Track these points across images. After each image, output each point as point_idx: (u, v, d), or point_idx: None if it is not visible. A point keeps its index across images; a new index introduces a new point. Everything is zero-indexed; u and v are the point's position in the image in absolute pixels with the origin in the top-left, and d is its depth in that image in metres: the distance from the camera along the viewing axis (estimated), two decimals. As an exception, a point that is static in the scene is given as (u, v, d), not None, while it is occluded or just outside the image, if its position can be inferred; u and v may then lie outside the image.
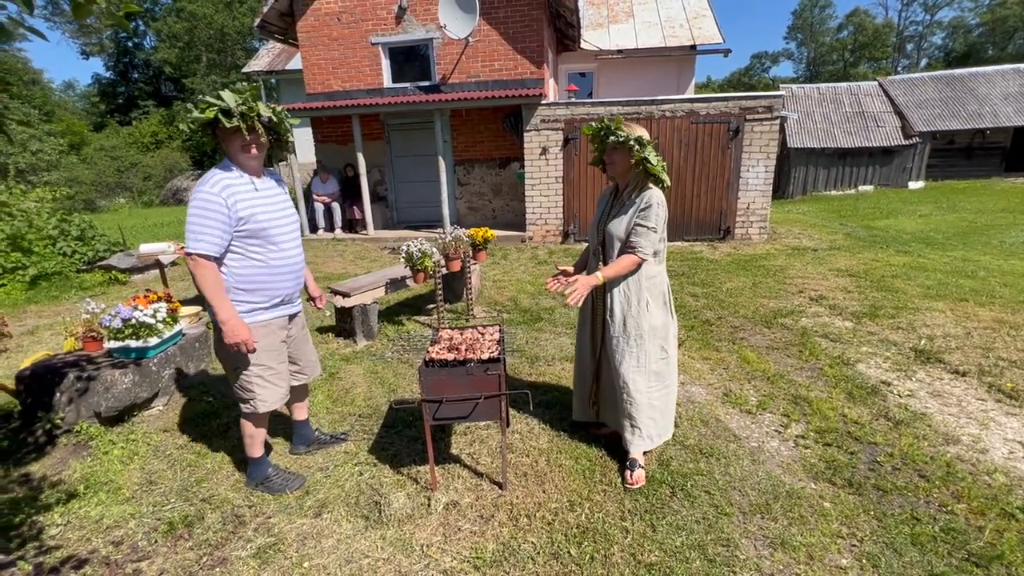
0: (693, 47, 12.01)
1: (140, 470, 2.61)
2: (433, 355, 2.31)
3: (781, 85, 18.28)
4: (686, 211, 8.13)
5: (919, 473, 2.38)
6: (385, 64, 9.39)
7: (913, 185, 15.52)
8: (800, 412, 2.95)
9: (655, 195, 2.23)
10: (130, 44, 34.80)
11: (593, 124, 2.30)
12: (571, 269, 2.59)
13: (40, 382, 2.97)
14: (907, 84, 17.16)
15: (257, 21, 9.34)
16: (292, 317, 2.39)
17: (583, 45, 11.95)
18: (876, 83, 17.57)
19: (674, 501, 2.23)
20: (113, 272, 6.20)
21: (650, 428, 2.41)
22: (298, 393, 2.61)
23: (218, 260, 2.06)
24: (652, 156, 2.17)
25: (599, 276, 2.23)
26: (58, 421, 2.89)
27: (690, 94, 11.71)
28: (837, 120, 16.28)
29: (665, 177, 2.22)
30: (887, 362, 3.58)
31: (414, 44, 9.24)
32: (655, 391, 2.41)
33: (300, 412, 2.69)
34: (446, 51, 9.08)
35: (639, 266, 2.26)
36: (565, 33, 10.90)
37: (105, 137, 26.33)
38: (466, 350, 2.35)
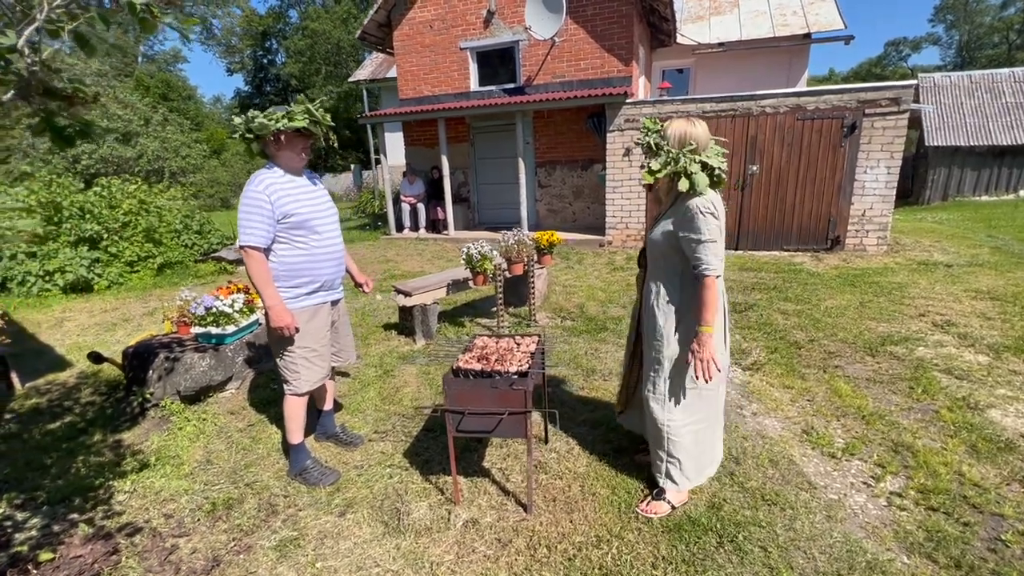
0: (807, 35, 10.82)
1: (203, 448, 2.82)
2: (461, 363, 2.22)
3: (920, 74, 15.85)
4: (786, 217, 7.31)
5: (1063, 563, 1.84)
6: (472, 68, 9.58)
7: (1098, 190, 12.67)
8: (900, 463, 2.44)
9: (696, 201, 1.88)
10: (265, 61, 39.27)
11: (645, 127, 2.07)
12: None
13: (139, 359, 3.36)
14: (1095, 67, 14.03)
15: (358, 33, 9.99)
16: (335, 303, 2.53)
17: (679, 40, 11.27)
18: (1050, 67, 14.61)
19: (720, 554, 1.93)
20: (223, 263, 6.96)
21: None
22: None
23: (267, 251, 2.23)
24: (693, 165, 1.90)
25: (701, 329, 1.88)
26: (148, 396, 3.24)
27: (802, 87, 10.55)
28: (994, 113, 13.76)
29: (698, 181, 1.86)
30: (1033, 411, 2.87)
31: (501, 47, 9.32)
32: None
33: (326, 403, 2.77)
34: (531, 52, 9.04)
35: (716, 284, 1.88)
36: (659, 28, 10.36)
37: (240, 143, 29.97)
38: (496, 361, 2.23)
